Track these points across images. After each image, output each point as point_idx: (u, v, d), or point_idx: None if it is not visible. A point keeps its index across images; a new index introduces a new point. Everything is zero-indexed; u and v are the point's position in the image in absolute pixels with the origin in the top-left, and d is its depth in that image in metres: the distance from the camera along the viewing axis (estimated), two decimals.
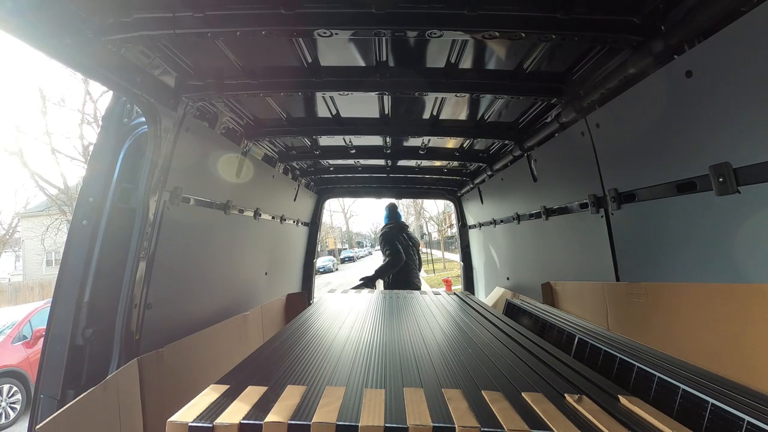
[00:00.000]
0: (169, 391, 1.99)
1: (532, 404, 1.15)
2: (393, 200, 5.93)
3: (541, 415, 1.08)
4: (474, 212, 5.26)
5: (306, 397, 1.19)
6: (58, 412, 1.41)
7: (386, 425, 1.01)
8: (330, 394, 1.21)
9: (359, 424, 1.01)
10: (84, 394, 1.52)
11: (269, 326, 3.66)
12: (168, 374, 2.00)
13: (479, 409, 1.11)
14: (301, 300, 4.47)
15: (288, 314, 4.29)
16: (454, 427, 1.00)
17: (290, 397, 1.19)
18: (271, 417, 1.05)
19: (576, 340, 1.98)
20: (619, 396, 1.23)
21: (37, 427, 1.33)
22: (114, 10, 1.54)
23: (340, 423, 1.02)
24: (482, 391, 1.25)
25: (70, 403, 1.46)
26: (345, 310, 2.78)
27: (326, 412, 1.07)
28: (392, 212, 5.40)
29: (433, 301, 3.16)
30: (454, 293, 3.74)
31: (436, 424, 1.01)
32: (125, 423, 1.68)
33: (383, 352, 1.73)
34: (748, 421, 0.97)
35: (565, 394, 1.23)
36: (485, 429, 1.00)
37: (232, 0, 1.57)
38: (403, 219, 5.45)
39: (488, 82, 2.27)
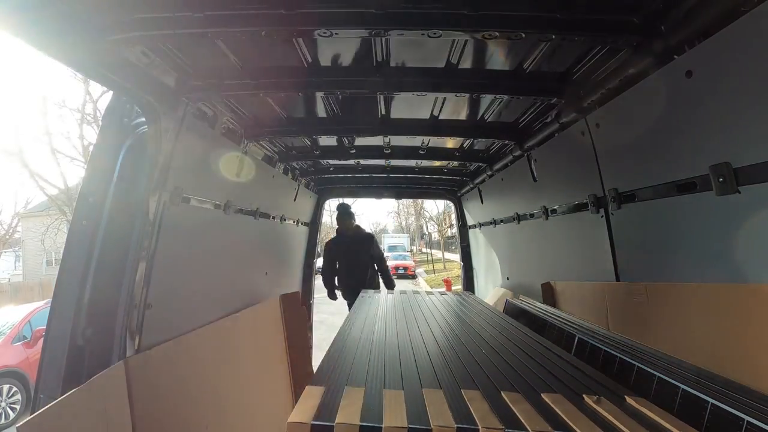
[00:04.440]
0: (159, 391, 1.98)
1: (552, 405, 1.14)
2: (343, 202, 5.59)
3: (563, 416, 1.07)
4: (474, 212, 5.26)
5: (326, 398, 1.18)
6: (43, 409, 1.39)
7: (410, 426, 1.00)
8: (349, 395, 1.20)
9: (383, 425, 1.00)
10: (68, 393, 1.50)
11: (266, 326, 3.66)
12: (157, 374, 1.98)
13: (500, 410, 1.10)
14: (296, 300, 4.47)
15: (285, 314, 4.28)
16: (478, 428, 1.00)
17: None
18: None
19: (576, 340, 1.98)
20: (625, 396, 1.22)
21: (18, 425, 1.32)
22: (114, 10, 1.53)
23: (364, 424, 1.01)
24: (501, 393, 1.24)
25: (55, 401, 1.45)
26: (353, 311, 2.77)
27: (348, 414, 1.06)
28: (339, 217, 5.05)
29: (441, 302, 3.15)
30: (460, 294, 3.73)
31: (460, 425, 1.00)
32: (113, 423, 1.67)
33: (398, 353, 1.71)
34: (747, 421, 0.96)
35: (584, 395, 1.22)
36: (509, 430, 0.99)
37: (232, 0, 1.57)
38: (350, 219, 5.05)
39: (488, 82, 2.26)
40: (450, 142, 3.73)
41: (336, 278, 5.03)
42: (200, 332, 2.47)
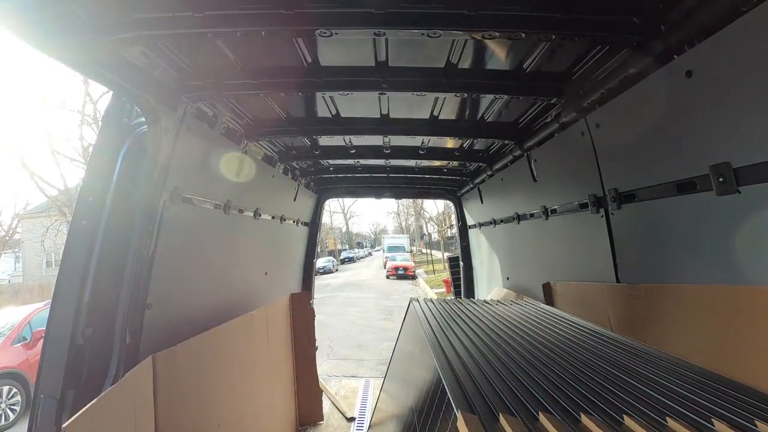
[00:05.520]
0: (179, 390, 2.01)
1: None
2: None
3: None
4: (474, 212, 5.26)
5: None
6: (84, 410, 1.42)
7: None
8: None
9: None
10: (104, 393, 1.55)
11: (274, 326, 3.66)
12: (179, 374, 2.01)
13: None
14: (304, 300, 4.49)
15: (292, 314, 4.29)
16: None
17: None
18: None
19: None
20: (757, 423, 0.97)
21: (64, 425, 1.35)
22: (114, 10, 1.53)
23: None
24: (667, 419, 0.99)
25: (93, 401, 1.48)
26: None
27: None
28: None
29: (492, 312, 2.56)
30: (527, 301, 3.02)
31: None
32: (140, 421, 1.70)
33: (518, 370, 1.40)
34: (750, 422, 0.96)
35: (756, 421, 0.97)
36: None
37: (232, 0, 1.57)
38: None
39: (488, 82, 2.27)
40: (450, 142, 3.74)
41: None
42: (218, 330, 2.49)
